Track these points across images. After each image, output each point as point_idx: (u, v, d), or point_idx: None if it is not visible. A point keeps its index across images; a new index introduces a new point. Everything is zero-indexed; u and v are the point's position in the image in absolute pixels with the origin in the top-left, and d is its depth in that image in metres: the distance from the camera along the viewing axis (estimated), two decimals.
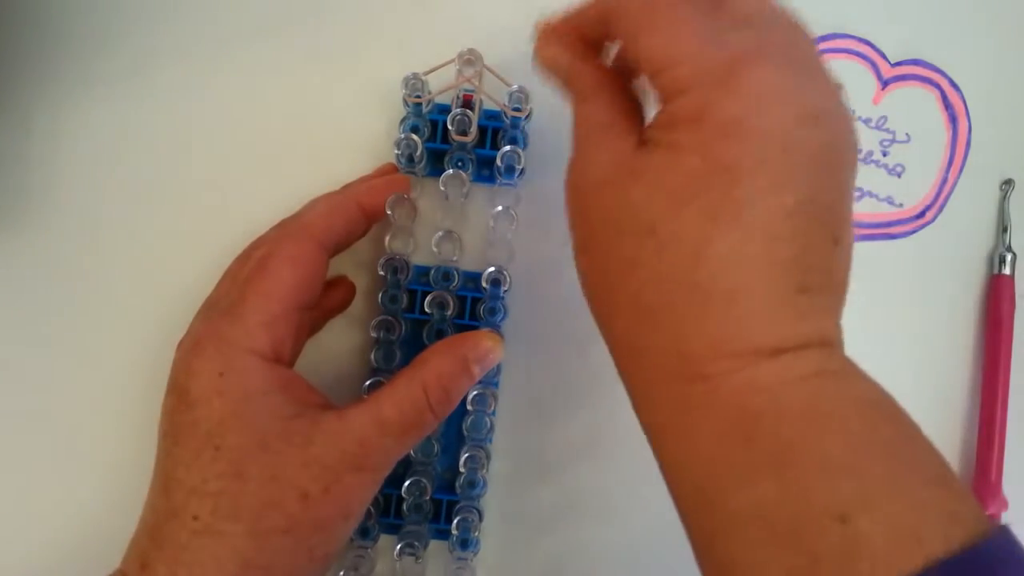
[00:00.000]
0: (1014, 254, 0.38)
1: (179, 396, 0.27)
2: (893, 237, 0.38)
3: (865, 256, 0.38)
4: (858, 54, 0.39)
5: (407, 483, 0.33)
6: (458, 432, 0.34)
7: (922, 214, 0.38)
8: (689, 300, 0.22)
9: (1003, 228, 0.38)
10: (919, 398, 0.37)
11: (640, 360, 0.24)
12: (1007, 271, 0.38)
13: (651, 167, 0.23)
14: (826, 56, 0.38)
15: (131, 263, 0.36)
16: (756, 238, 0.21)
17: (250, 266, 0.29)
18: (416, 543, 0.32)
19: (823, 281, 0.22)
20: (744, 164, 0.21)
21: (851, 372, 0.22)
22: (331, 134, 0.36)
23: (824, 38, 0.38)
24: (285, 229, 0.30)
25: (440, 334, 0.33)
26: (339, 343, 0.36)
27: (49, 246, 0.36)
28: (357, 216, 0.32)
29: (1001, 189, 0.39)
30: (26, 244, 0.36)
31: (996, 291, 0.38)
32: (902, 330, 0.38)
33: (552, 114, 0.34)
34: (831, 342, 0.23)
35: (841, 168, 0.23)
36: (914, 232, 0.38)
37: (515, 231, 0.34)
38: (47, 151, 0.36)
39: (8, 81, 0.36)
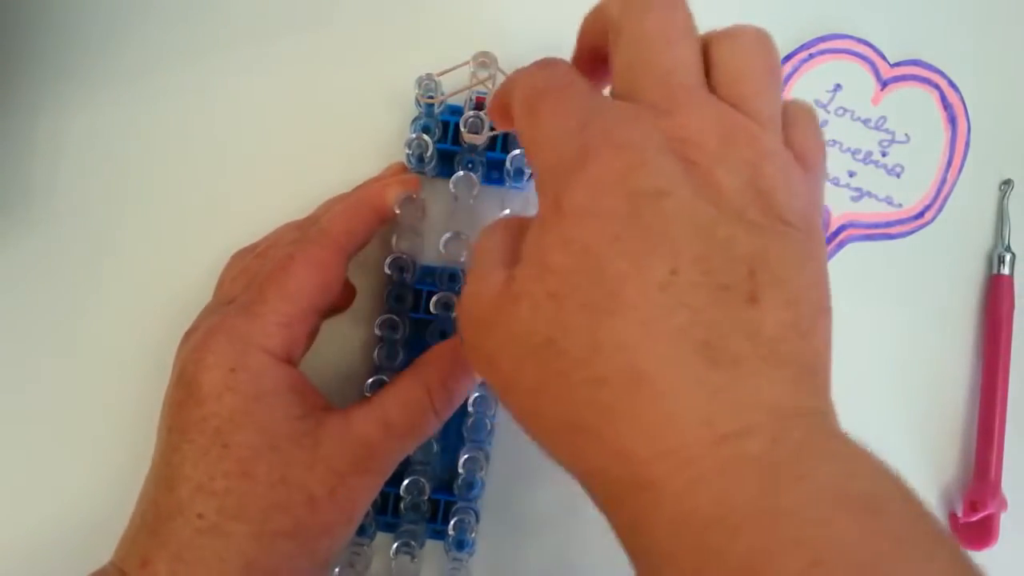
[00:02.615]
0: (1013, 254, 0.38)
1: (188, 390, 0.27)
2: (892, 237, 0.38)
3: (864, 256, 0.38)
4: (857, 55, 0.39)
5: (406, 482, 0.33)
6: (458, 433, 0.34)
7: (921, 214, 0.38)
8: (604, 397, 0.20)
9: (1002, 228, 0.38)
10: (918, 398, 0.38)
11: (599, 490, 0.21)
12: (1006, 271, 0.38)
13: (527, 281, 0.21)
14: (825, 57, 0.38)
15: (135, 263, 0.35)
16: (631, 318, 0.20)
17: (271, 266, 0.29)
18: (413, 542, 0.32)
19: (743, 349, 0.19)
20: (601, 244, 0.20)
21: (815, 449, 0.19)
22: (341, 133, 0.36)
23: (823, 38, 0.38)
24: (307, 233, 0.30)
25: (444, 335, 0.33)
26: (342, 340, 0.35)
27: (52, 246, 0.35)
28: (373, 218, 0.32)
29: (1000, 189, 0.39)
30: (29, 244, 0.35)
31: (995, 291, 0.38)
32: (901, 330, 0.38)
33: None
34: (786, 414, 0.19)
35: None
36: (913, 232, 0.38)
37: None
38: (51, 152, 0.36)
39: (12, 82, 0.36)
